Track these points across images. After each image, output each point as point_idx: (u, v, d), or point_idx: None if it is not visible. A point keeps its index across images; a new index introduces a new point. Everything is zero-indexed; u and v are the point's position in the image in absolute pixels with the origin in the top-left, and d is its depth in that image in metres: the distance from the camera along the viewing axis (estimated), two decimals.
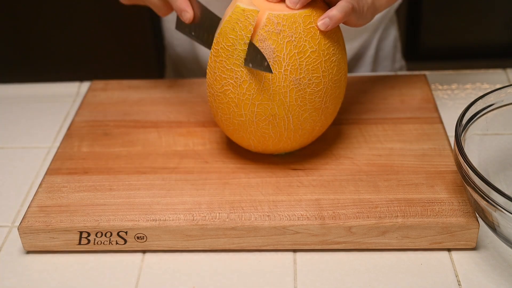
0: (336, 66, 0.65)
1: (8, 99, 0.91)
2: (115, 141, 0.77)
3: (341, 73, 0.66)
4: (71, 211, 0.66)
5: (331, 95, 0.66)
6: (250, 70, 0.63)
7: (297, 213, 0.64)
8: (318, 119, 0.67)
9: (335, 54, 0.65)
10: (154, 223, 0.64)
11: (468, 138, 0.66)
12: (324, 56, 0.63)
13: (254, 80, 0.63)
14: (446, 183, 0.67)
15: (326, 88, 0.65)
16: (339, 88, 0.67)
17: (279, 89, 0.63)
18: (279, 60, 0.62)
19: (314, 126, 0.67)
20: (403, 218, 0.63)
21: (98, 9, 1.83)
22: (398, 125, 0.77)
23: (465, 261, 0.63)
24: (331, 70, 0.64)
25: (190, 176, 0.70)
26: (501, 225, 0.59)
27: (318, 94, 0.64)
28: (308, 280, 0.62)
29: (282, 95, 0.63)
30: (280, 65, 0.62)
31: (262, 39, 0.62)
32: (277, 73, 0.62)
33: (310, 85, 0.63)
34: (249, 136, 0.67)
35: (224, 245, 0.65)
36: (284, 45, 0.62)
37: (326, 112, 0.67)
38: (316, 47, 0.63)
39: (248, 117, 0.65)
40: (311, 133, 0.68)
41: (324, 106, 0.66)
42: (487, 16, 1.81)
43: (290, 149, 0.70)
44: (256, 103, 0.64)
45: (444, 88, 0.88)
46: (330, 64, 0.64)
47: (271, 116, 0.65)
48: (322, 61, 0.63)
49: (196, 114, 0.81)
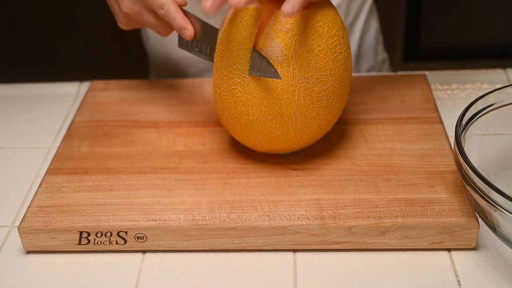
0: (342, 65, 0.65)
1: (8, 99, 0.91)
2: (115, 141, 0.77)
3: (347, 71, 0.67)
4: (71, 211, 0.66)
5: (337, 94, 0.66)
6: None
7: (297, 213, 0.64)
8: (325, 118, 0.67)
9: (342, 52, 0.65)
10: (154, 223, 0.64)
11: (468, 138, 0.66)
12: (331, 54, 0.64)
13: (262, 78, 0.63)
14: (446, 183, 0.67)
15: (333, 86, 0.65)
16: (345, 87, 0.67)
17: (287, 88, 0.63)
18: (287, 58, 0.62)
19: (320, 125, 0.67)
20: (403, 218, 0.63)
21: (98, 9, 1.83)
22: (398, 125, 0.77)
23: (465, 261, 0.63)
24: (338, 68, 0.65)
25: (190, 176, 0.70)
26: (501, 225, 0.59)
27: (325, 93, 0.65)
28: (308, 280, 0.62)
29: (290, 93, 0.63)
30: (288, 64, 0.62)
31: (271, 38, 0.62)
32: (285, 71, 0.62)
33: (317, 84, 0.64)
34: (256, 135, 0.67)
35: (224, 245, 0.65)
36: (292, 43, 0.62)
37: (332, 111, 0.67)
38: (323, 46, 0.63)
39: (255, 116, 0.65)
40: (317, 131, 0.68)
41: (331, 104, 0.66)
42: (487, 16, 1.81)
43: (296, 148, 0.70)
44: (264, 102, 0.64)
45: (444, 88, 0.88)
46: (337, 62, 0.64)
47: (279, 115, 0.65)
48: (330, 60, 0.63)
49: (196, 114, 0.81)
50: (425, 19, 1.81)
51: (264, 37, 0.62)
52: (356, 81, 0.85)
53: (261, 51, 0.62)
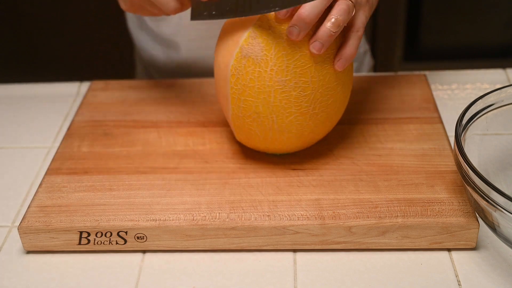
0: (329, 74, 0.64)
1: (8, 99, 0.91)
2: (115, 141, 0.77)
3: (338, 82, 0.65)
4: (71, 211, 0.66)
5: (321, 102, 0.65)
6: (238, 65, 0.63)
7: (297, 213, 0.64)
8: (306, 125, 0.66)
9: (331, 62, 0.64)
10: (154, 223, 0.64)
11: (468, 138, 0.66)
12: (315, 62, 0.63)
13: (241, 75, 0.63)
14: (446, 183, 0.67)
15: (315, 94, 0.64)
16: (333, 97, 0.66)
17: (263, 88, 0.63)
18: (266, 59, 0.62)
19: (302, 131, 0.67)
20: (403, 218, 0.63)
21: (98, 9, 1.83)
22: (398, 125, 0.77)
23: (465, 261, 0.63)
24: (322, 77, 0.64)
25: (190, 176, 0.70)
26: (501, 225, 0.59)
27: (305, 99, 0.64)
28: (308, 280, 0.62)
29: (266, 94, 0.63)
30: (266, 64, 0.62)
31: (254, 36, 0.62)
32: (263, 71, 0.63)
33: (296, 89, 0.63)
34: (238, 131, 0.68)
35: (224, 245, 0.65)
36: (273, 45, 0.62)
37: (316, 119, 0.66)
38: (307, 52, 0.62)
39: (235, 112, 0.66)
40: (299, 137, 0.68)
41: (312, 112, 0.65)
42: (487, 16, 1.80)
43: (280, 150, 0.70)
44: (242, 99, 0.65)
45: (444, 88, 0.88)
46: (322, 71, 0.63)
47: (256, 114, 0.65)
48: (313, 67, 0.63)
49: (196, 114, 0.81)
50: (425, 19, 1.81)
51: (248, 35, 0.63)
52: (356, 81, 0.85)
53: (243, 48, 0.63)
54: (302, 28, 0.61)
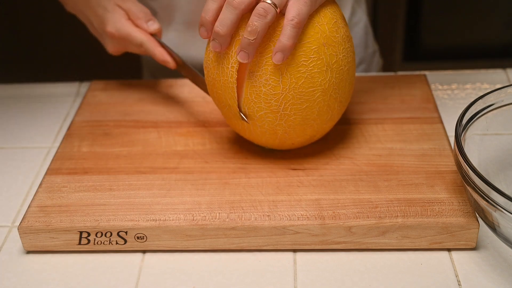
0: (305, 79, 0.63)
1: (8, 99, 0.91)
2: (115, 141, 0.77)
3: (314, 88, 0.64)
4: (71, 211, 0.66)
5: (294, 105, 0.65)
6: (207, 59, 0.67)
7: (297, 213, 0.64)
8: (278, 124, 0.66)
9: (307, 66, 0.63)
10: (154, 223, 0.64)
11: (468, 138, 0.66)
12: (289, 63, 0.63)
13: (209, 69, 0.67)
14: (446, 183, 0.67)
15: (285, 95, 0.64)
16: (308, 102, 0.65)
17: (228, 84, 0.65)
18: (227, 56, 0.64)
19: (274, 129, 0.67)
20: (403, 218, 0.63)
21: None
22: (398, 125, 0.77)
23: (465, 261, 0.63)
24: (295, 79, 0.63)
25: (190, 176, 0.70)
26: (501, 225, 0.59)
27: (275, 98, 0.64)
28: (308, 280, 0.62)
29: (230, 89, 0.65)
30: (228, 61, 0.64)
31: None
32: (225, 67, 0.65)
33: (266, 85, 0.64)
34: (224, 117, 0.71)
35: (224, 245, 0.65)
36: (234, 43, 0.64)
37: (289, 121, 0.66)
38: None
39: (215, 100, 0.69)
40: (274, 135, 0.68)
41: (283, 112, 0.65)
42: (487, 16, 1.81)
43: (261, 144, 0.72)
44: (214, 90, 0.68)
45: (444, 88, 0.88)
46: (296, 73, 0.63)
47: (227, 106, 0.67)
48: (285, 67, 0.63)
49: (196, 114, 0.81)
50: (425, 19, 1.81)
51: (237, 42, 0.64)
52: (356, 81, 0.85)
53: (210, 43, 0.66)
54: (221, 42, 0.63)
